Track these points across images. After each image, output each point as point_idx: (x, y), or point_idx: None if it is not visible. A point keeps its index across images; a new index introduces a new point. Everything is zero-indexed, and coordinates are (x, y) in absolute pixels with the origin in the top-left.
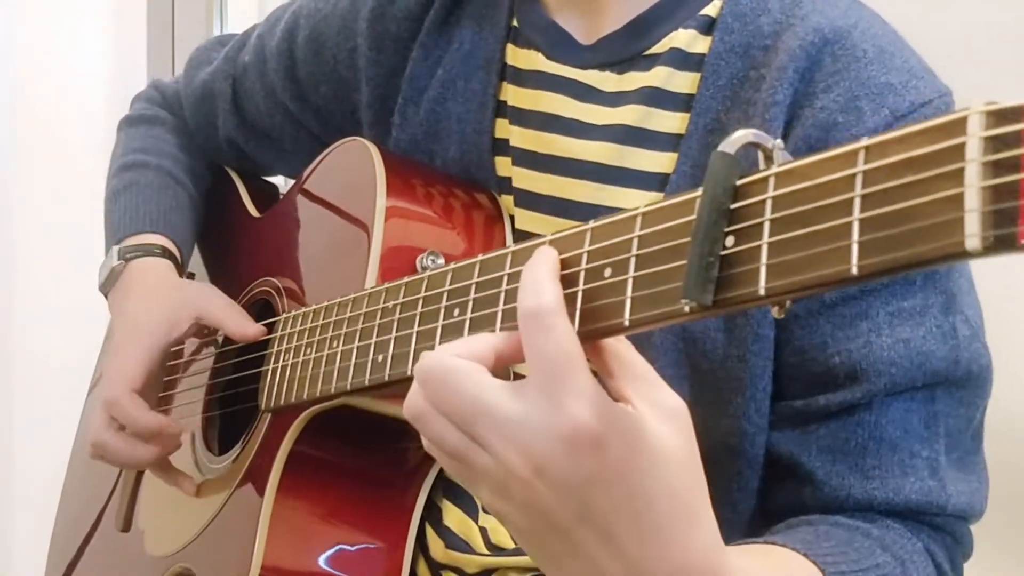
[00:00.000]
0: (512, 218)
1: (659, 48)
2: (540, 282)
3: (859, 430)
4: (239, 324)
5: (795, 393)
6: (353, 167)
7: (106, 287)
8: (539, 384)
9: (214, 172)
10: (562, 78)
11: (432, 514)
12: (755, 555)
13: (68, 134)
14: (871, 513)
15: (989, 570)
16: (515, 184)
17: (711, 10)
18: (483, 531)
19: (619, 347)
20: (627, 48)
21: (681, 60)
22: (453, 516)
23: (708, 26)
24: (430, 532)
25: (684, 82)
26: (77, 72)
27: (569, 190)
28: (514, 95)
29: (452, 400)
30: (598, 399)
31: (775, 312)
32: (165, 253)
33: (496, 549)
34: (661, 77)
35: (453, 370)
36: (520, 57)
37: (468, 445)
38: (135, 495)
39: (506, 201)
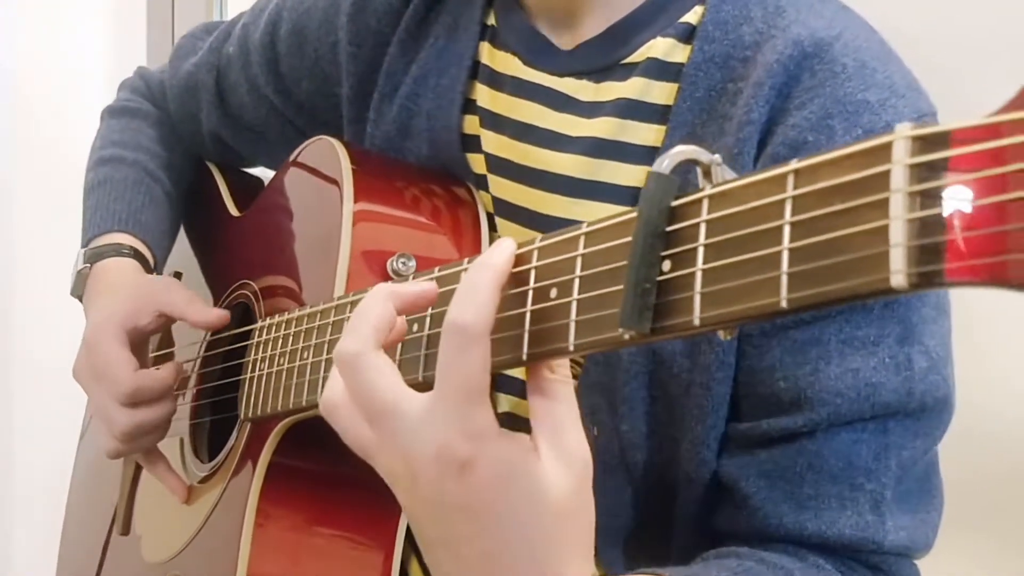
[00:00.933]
0: (490, 216)
1: (636, 57)
2: (477, 293)
3: (799, 458)
4: (200, 312)
5: (742, 414)
6: (321, 168)
7: (76, 291)
8: (436, 399)
9: (195, 167)
10: (539, 86)
11: None
12: None
13: (68, 134)
14: (802, 549)
15: (990, 570)
16: (493, 192)
17: (691, 17)
18: None
19: (550, 380)
20: (605, 56)
21: (658, 70)
22: None
23: (688, 34)
24: None
25: (661, 93)
26: (77, 72)
27: (544, 203)
28: (490, 98)
29: (368, 396)
30: (483, 429)
31: (722, 335)
32: (133, 252)
33: None
34: (637, 88)
35: (372, 367)
36: (497, 59)
37: (372, 443)
38: (132, 497)
39: (485, 198)
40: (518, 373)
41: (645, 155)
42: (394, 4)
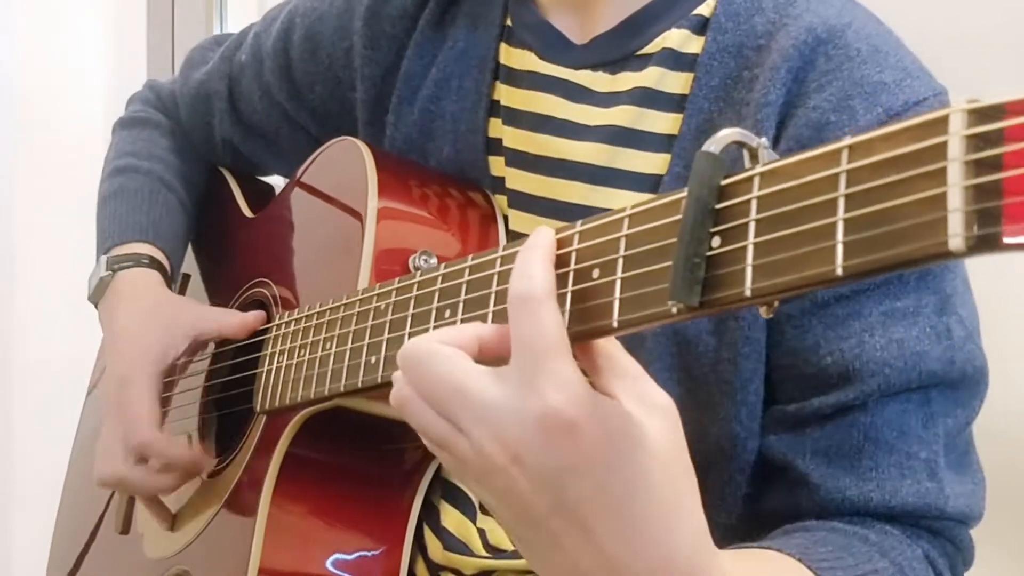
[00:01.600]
0: (506, 218)
1: (652, 48)
2: (532, 266)
3: (854, 432)
4: (238, 322)
5: (788, 396)
6: (345, 167)
7: (95, 297)
8: (518, 369)
9: (207, 174)
10: (555, 79)
11: (430, 515)
12: (749, 559)
13: (68, 135)
14: (868, 518)
15: (991, 571)
16: (509, 185)
17: (704, 9)
18: (481, 533)
19: (608, 346)
20: (620, 48)
21: (674, 60)
22: (451, 517)
23: (701, 26)
24: (428, 533)
25: (677, 82)
26: (77, 72)
27: (562, 192)
28: (507, 95)
29: (432, 385)
30: (577, 387)
31: (763, 312)
32: (153, 263)
33: (495, 551)
34: (653, 78)
35: (434, 354)
36: (514, 57)
37: (450, 432)
38: (133, 497)
39: (500, 201)
40: None
41: (662, 143)
42: (408, 8)
